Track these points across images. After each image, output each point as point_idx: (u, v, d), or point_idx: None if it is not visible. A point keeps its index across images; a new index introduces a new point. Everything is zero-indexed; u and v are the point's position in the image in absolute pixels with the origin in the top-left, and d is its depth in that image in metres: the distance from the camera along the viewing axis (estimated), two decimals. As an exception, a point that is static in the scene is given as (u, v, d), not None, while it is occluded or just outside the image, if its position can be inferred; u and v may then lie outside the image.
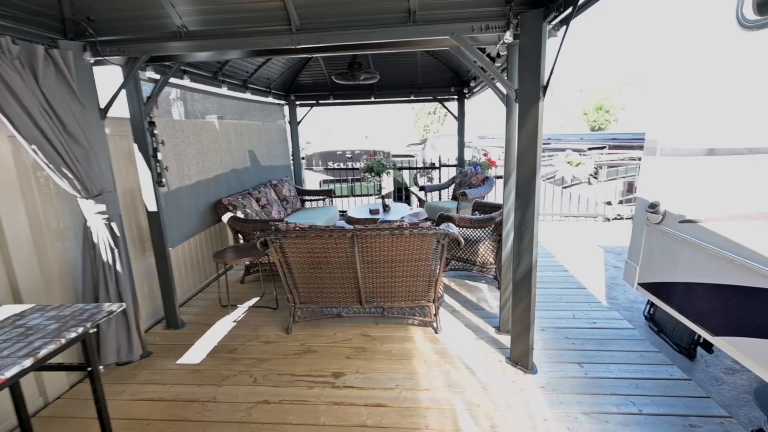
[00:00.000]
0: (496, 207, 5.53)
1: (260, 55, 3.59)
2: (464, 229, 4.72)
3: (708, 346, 3.53)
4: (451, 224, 4.17)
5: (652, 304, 4.26)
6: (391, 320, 3.99)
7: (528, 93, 2.70)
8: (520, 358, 3.17)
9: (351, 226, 3.46)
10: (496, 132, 20.51)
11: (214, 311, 4.33)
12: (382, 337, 3.73)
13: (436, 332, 3.78)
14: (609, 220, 8.90)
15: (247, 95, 5.82)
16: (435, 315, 3.83)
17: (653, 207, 3.09)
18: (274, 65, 6.03)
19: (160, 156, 3.58)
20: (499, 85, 3.34)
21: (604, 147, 16.45)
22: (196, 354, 3.50)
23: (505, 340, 3.55)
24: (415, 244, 3.47)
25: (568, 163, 8.47)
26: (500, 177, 8.93)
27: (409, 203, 11.73)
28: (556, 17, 2.51)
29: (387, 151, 13.52)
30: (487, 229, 4.62)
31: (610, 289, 5.23)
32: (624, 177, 11.40)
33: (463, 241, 3.65)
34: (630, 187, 11.02)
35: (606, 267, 5.99)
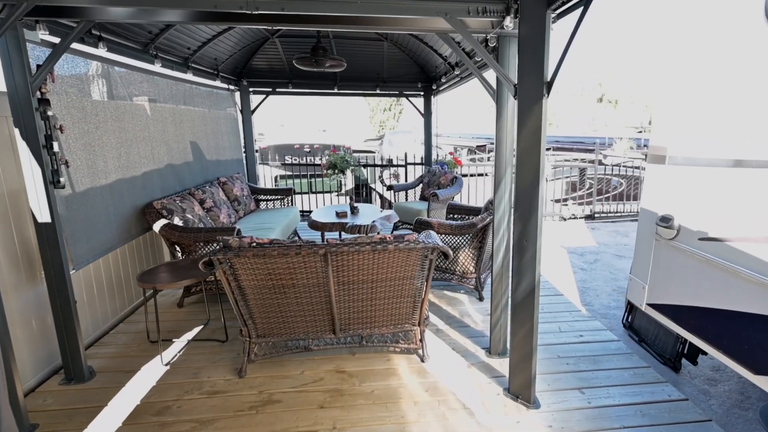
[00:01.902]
0: (472, 210, 4.86)
1: (204, 20, 2.59)
2: (444, 235, 3.97)
3: (692, 358, 3.18)
4: (432, 232, 3.39)
5: (630, 312, 3.86)
6: (369, 349, 3.13)
7: (529, 89, 2.19)
8: (521, 390, 2.57)
9: (319, 239, 2.56)
10: (451, 131, 20.16)
11: (139, 350, 3.20)
12: (361, 372, 2.89)
13: (422, 360, 3.02)
14: (565, 219, 8.58)
15: (189, 76, 4.65)
16: (421, 340, 3.04)
17: (666, 221, 2.66)
18: (223, 43, 4.91)
19: (56, 146, 2.45)
20: (488, 78, 2.81)
21: (549, 149, 16.55)
22: (107, 421, 2.41)
23: (498, 364, 2.99)
24: (400, 260, 2.65)
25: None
26: (465, 175, 8.35)
27: (369, 201, 10.88)
28: (563, 4, 2.10)
29: (348, 146, 12.61)
30: (467, 235, 3.90)
31: (583, 293, 4.84)
32: (567, 177, 11.37)
33: (452, 253, 2.91)
34: (573, 187, 11.00)
35: (573, 269, 5.66)
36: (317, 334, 2.92)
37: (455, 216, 4.98)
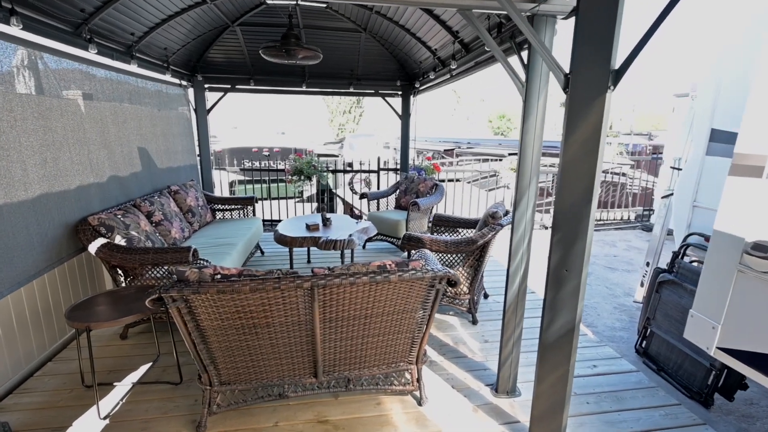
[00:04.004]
0: (463, 222, 4.59)
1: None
2: (437, 253, 3.67)
3: (729, 393, 2.95)
4: (426, 251, 3.10)
5: (644, 337, 3.61)
6: (356, 392, 2.76)
7: (588, 80, 1.80)
8: (547, 446, 2.25)
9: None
10: (415, 134, 20.12)
11: (70, 398, 2.68)
12: (348, 422, 2.52)
13: (419, 404, 2.69)
14: (547, 228, 8.52)
15: (134, 68, 4.13)
16: (418, 380, 2.71)
17: (763, 250, 2.22)
18: (175, 30, 4.42)
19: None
20: (516, 67, 2.48)
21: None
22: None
23: (508, 405, 2.71)
24: (402, 291, 2.31)
25: (512, 170, 7.83)
26: (443, 181, 8.13)
27: (332, 209, 10.46)
28: None
29: (311, 149, 12.15)
30: (462, 253, 3.63)
31: (583, 312, 4.60)
32: (542, 183, 11.47)
33: (461, 280, 2.61)
34: (542, 192, 11.10)
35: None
36: (295, 379, 2.52)
37: (442, 229, 4.70)
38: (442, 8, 2.52)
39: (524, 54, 2.64)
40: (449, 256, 3.71)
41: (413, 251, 3.73)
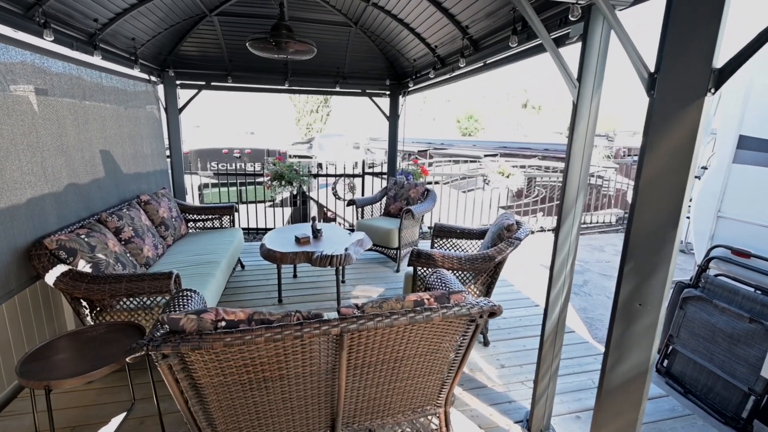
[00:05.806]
0: (467, 232, 4.25)
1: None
2: (451, 270, 3.33)
3: None
4: (443, 270, 2.76)
5: (665, 355, 3.41)
6: (376, 442, 2.39)
7: (681, 80, 1.48)
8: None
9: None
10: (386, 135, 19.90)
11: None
12: (369, 481, 2.12)
13: (446, 450, 2.33)
14: (533, 232, 8.38)
15: (97, 60, 3.56)
16: (447, 425, 2.35)
17: None
18: (145, 18, 3.88)
19: None
20: (568, 67, 2.10)
21: (496, 155, 16.67)
22: None
23: (545, 447, 2.41)
24: (440, 329, 1.95)
25: (500, 173, 7.58)
26: (430, 183, 7.82)
27: (305, 212, 9.96)
28: None
29: (283, 151, 11.59)
30: (475, 270, 3.32)
31: (590, 326, 4.55)
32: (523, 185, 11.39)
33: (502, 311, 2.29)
34: (519, 193, 11.02)
35: (564, 293, 5.22)
36: (308, 434, 2.11)
37: (443, 240, 4.35)
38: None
39: (562, 50, 2.34)
40: (461, 273, 3.38)
41: (420, 268, 3.40)
